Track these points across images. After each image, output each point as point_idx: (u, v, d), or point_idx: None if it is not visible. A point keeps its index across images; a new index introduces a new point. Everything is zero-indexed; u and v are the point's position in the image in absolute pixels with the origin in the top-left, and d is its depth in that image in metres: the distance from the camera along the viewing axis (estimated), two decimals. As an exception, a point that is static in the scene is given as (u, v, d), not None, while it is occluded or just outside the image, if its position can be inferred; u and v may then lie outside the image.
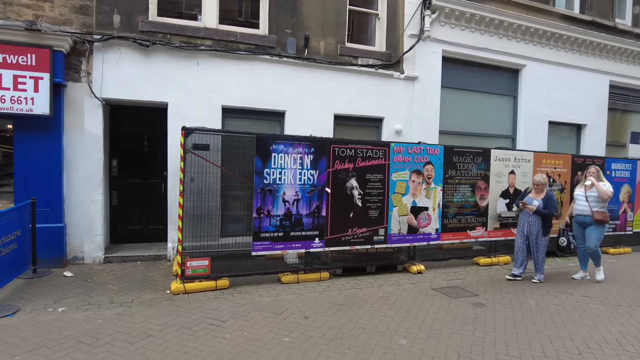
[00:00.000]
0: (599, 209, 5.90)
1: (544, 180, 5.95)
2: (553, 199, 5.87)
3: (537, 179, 5.95)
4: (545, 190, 5.95)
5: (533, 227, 5.90)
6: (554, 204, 5.87)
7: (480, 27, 8.43)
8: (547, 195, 5.90)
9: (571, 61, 9.56)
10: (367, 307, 4.71)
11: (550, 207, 5.83)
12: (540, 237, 5.90)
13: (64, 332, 3.78)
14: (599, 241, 5.92)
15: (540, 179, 5.94)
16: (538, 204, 5.83)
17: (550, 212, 5.81)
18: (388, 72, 7.71)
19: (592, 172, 6.05)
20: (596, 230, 5.92)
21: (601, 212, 5.89)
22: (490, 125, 9.09)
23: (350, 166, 5.82)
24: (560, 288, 5.72)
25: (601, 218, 5.85)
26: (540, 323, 4.41)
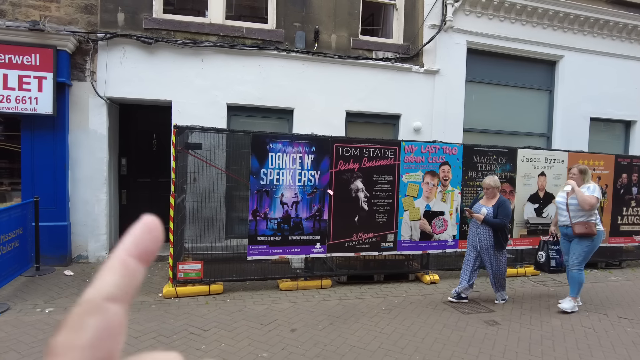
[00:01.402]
0: (581, 219, 4.71)
1: (495, 183, 4.93)
2: (506, 206, 4.84)
3: (486, 182, 4.95)
4: (498, 195, 4.94)
5: (484, 240, 4.90)
6: (506, 212, 4.82)
7: (511, 16, 7.72)
8: (499, 201, 4.89)
9: (619, 50, 8.56)
10: (363, 321, 4.31)
11: (502, 215, 4.79)
12: (493, 252, 4.89)
13: (40, 335, 3.70)
14: (583, 261, 4.73)
15: (490, 182, 4.92)
16: (486, 212, 4.84)
17: (502, 221, 4.78)
18: (406, 65, 7.21)
19: (573, 173, 4.88)
20: (579, 246, 4.74)
21: (582, 224, 4.68)
22: (522, 122, 8.32)
23: (356, 166, 5.42)
24: (594, 306, 5.03)
25: (582, 231, 4.65)
26: (561, 349, 3.83)
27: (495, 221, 4.79)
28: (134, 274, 0.33)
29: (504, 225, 4.82)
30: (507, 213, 4.87)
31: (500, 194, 4.98)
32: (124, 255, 0.33)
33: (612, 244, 6.89)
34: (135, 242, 0.34)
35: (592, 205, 4.63)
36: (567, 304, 4.78)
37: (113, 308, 0.31)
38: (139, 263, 0.33)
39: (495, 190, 4.93)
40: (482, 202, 5.01)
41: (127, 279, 0.32)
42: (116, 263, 0.33)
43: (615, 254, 7.04)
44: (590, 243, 4.73)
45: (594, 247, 4.76)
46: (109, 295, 0.31)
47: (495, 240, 4.86)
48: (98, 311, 0.30)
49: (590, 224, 4.70)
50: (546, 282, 5.97)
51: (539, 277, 6.24)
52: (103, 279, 0.32)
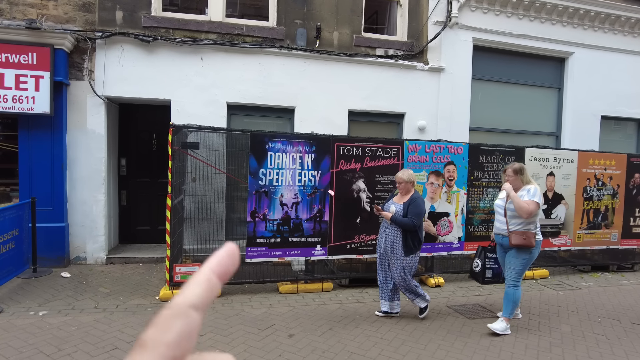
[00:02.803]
0: (519, 227, 4.03)
1: (409, 178, 4.28)
2: (417, 205, 4.21)
3: (398, 175, 4.33)
4: (412, 191, 4.32)
5: (390, 242, 4.29)
6: (417, 210, 4.18)
7: (518, 12, 7.51)
8: (410, 198, 4.24)
9: (631, 46, 8.30)
10: (364, 326, 4.17)
11: (412, 214, 4.15)
12: (400, 256, 4.23)
13: (30, 339, 3.60)
14: (520, 275, 4.10)
15: (403, 176, 4.28)
16: (395, 210, 4.25)
17: (410, 221, 4.13)
18: (410, 63, 7.04)
19: (508, 174, 4.17)
20: (516, 259, 4.07)
21: (520, 234, 3.99)
22: (530, 121, 8.10)
23: (357, 166, 5.28)
24: (605, 312, 4.82)
25: (519, 243, 3.98)
26: (571, 358, 3.65)
27: (403, 221, 4.16)
28: (213, 289, 0.40)
29: (413, 226, 4.16)
30: (417, 212, 4.19)
31: (415, 190, 4.40)
32: (209, 272, 0.40)
33: (624, 246, 6.67)
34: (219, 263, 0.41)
35: (531, 212, 3.91)
36: (499, 325, 4.08)
37: (194, 314, 0.37)
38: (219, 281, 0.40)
39: (408, 186, 4.30)
40: (396, 198, 4.41)
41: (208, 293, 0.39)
42: (202, 278, 0.40)
43: (628, 257, 6.81)
44: (528, 256, 4.07)
45: (531, 259, 4.11)
46: (193, 304, 0.37)
47: (404, 243, 4.24)
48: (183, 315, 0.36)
49: (529, 234, 3.99)
50: (555, 286, 5.77)
51: (548, 280, 6.04)
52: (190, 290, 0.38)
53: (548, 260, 6.60)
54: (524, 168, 4.18)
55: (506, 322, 4.10)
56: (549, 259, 6.63)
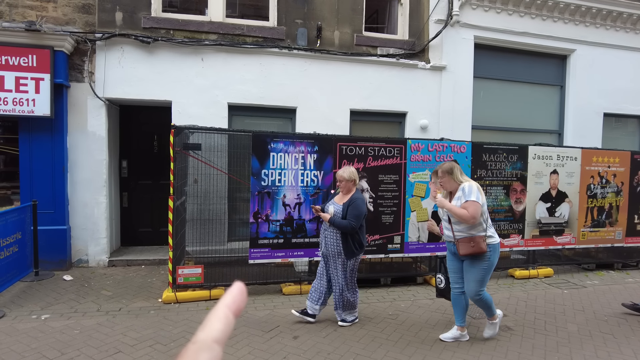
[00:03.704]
0: (464, 233, 3.56)
1: (350, 176, 3.99)
2: (357, 206, 3.90)
3: (339, 173, 4.05)
4: (353, 190, 4.04)
5: (330, 245, 4.00)
6: (356, 212, 3.87)
7: (519, 9, 7.47)
8: (350, 198, 3.95)
9: (633, 43, 8.25)
10: (369, 327, 4.13)
11: (351, 216, 3.86)
12: (339, 260, 3.97)
13: (33, 343, 3.57)
14: (482, 285, 3.65)
15: (344, 174, 3.98)
16: (334, 211, 3.99)
17: (349, 224, 3.84)
18: (411, 61, 7.01)
19: (439, 176, 3.75)
20: (473, 269, 3.60)
21: (467, 241, 3.53)
22: (533, 119, 8.06)
23: (360, 166, 5.24)
24: (612, 310, 4.79)
25: (468, 252, 3.53)
26: (579, 357, 3.61)
27: (341, 223, 3.87)
28: (230, 324, 0.45)
29: (351, 229, 3.87)
30: (357, 213, 3.88)
31: (357, 189, 4.11)
32: (226, 309, 0.46)
33: (629, 244, 6.63)
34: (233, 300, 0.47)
35: (473, 215, 3.42)
36: (491, 330, 3.86)
37: (217, 348, 0.42)
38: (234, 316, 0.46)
39: (349, 185, 4.00)
40: (337, 198, 4.13)
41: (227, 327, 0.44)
42: (221, 314, 0.45)
43: (633, 255, 6.77)
44: (486, 263, 3.58)
45: (491, 265, 3.62)
46: (216, 338, 0.43)
47: (344, 246, 3.93)
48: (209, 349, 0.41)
49: (477, 240, 3.51)
50: (560, 285, 5.74)
51: (552, 279, 6.00)
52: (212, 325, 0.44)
53: (552, 258, 6.57)
54: (455, 166, 3.73)
55: (493, 320, 3.83)
56: (553, 258, 6.60)
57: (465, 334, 3.87)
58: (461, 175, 3.71)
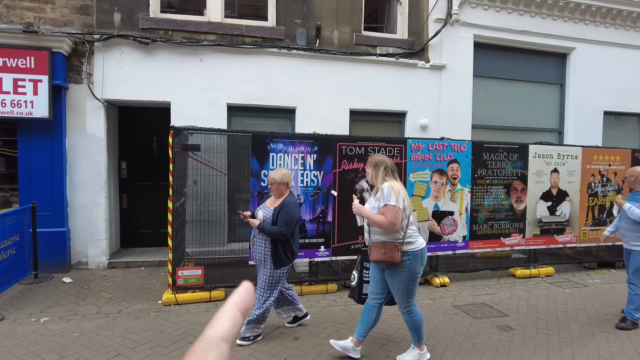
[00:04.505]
0: (379, 237, 3.20)
1: (282, 178, 3.66)
2: (288, 211, 3.58)
3: (270, 175, 3.70)
4: (286, 194, 3.71)
5: (258, 252, 3.70)
6: (287, 217, 3.55)
7: (519, 8, 7.45)
8: (282, 203, 3.63)
9: (633, 41, 8.23)
10: (370, 328, 4.10)
11: (281, 222, 3.55)
12: (268, 268, 3.64)
13: (32, 346, 3.55)
14: (408, 297, 3.26)
15: (275, 176, 3.65)
16: (263, 216, 3.66)
17: (279, 230, 3.53)
18: (411, 61, 6.99)
19: (367, 173, 3.40)
20: (394, 281, 3.22)
21: (379, 247, 3.15)
22: (533, 118, 8.04)
23: (360, 166, 5.22)
24: (614, 309, 4.77)
25: (378, 258, 3.16)
26: (581, 357, 3.59)
27: (270, 230, 3.55)
28: (238, 323, 0.47)
29: (282, 236, 3.55)
30: (288, 219, 3.56)
31: (291, 193, 3.78)
32: (233, 308, 0.48)
33: (630, 242, 6.60)
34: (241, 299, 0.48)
35: (392, 222, 3.04)
36: (409, 356, 3.39)
37: (224, 346, 0.44)
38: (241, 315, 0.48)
39: (281, 187, 3.68)
40: (268, 202, 3.80)
41: (234, 326, 0.46)
42: (228, 314, 0.47)
43: (634, 253, 6.74)
44: (406, 272, 3.16)
45: (412, 274, 3.18)
46: (223, 337, 0.45)
47: (273, 254, 3.62)
48: (216, 347, 0.43)
49: (389, 247, 3.11)
50: (562, 284, 5.72)
51: (554, 278, 5.98)
52: (219, 324, 0.46)
53: (553, 257, 6.56)
54: (384, 162, 3.28)
55: (419, 349, 3.39)
56: (555, 257, 6.58)
57: (358, 350, 3.45)
58: (385, 175, 3.25)
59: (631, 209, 4.22)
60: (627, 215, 4.27)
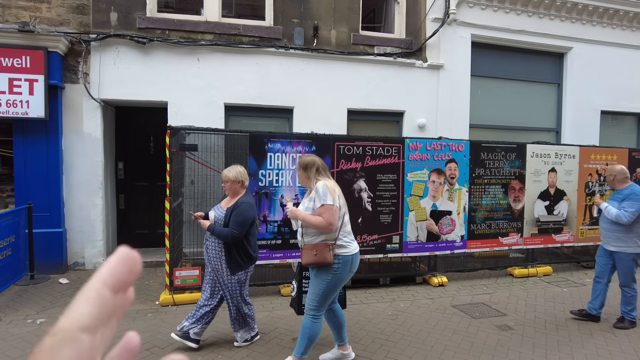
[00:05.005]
0: (311, 238, 3.01)
1: (236, 176, 3.43)
2: (241, 212, 3.32)
3: (224, 173, 3.49)
4: (241, 193, 3.46)
5: (212, 257, 3.45)
6: (239, 219, 3.30)
7: (516, 7, 7.46)
8: (235, 203, 3.39)
9: (630, 40, 8.27)
10: (369, 328, 4.10)
11: (233, 223, 3.30)
12: (225, 275, 3.41)
13: (28, 348, 3.52)
14: (320, 302, 3.03)
15: (229, 174, 3.44)
16: (215, 216, 3.43)
17: (230, 232, 3.28)
18: (409, 60, 6.98)
19: (298, 175, 3.24)
20: (315, 279, 3.04)
21: (309, 248, 2.97)
22: (530, 117, 8.05)
23: (358, 166, 5.21)
24: (612, 308, 4.75)
25: (309, 260, 2.96)
26: (580, 356, 3.59)
27: (221, 232, 3.31)
28: (108, 304, 0.34)
29: (232, 239, 3.29)
30: (240, 220, 3.30)
31: (248, 192, 3.54)
32: (99, 285, 0.34)
33: (628, 241, 6.61)
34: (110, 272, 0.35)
35: (329, 222, 2.88)
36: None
37: (85, 338, 0.31)
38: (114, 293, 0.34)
39: (235, 186, 3.43)
40: (224, 202, 3.57)
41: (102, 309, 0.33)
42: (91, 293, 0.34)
43: (631, 252, 6.75)
44: (331, 275, 2.97)
45: (337, 280, 2.99)
46: (84, 326, 0.32)
47: (227, 258, 3.38)
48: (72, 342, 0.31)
49: (321, 247, 2.93)
50: (560, 283, 5.72)
51: (551, 277, 5.99)
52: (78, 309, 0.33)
53: (551, 257, 6.57)
54: (314, 163, 3.10)
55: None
56: (552, 256, 6.59)
57: (349, 353, 3.36)
58: (318, 174, 3.08)
59: (607, 208, 4.14)
60: (606, 215, 4.21)
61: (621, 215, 4.01)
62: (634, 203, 4.02)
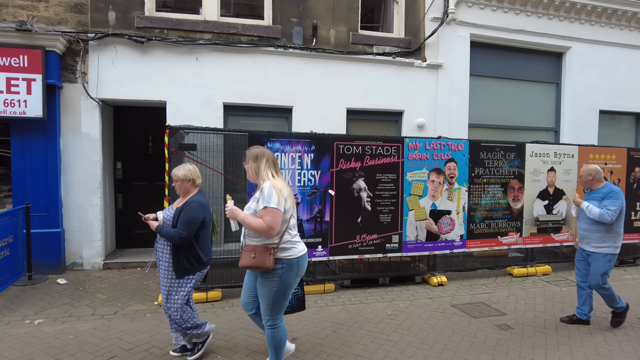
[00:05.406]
0: (251, 240, 2.82)
1: (186, 175, 3.24)
2: (189, 211, 3.13)
3: (174, 171, 3.31)
4: (192, 192, 3.30)
5: (161, 259, 3.24)
6: (187, 219, 3.11)
7: (515, 7, 7.46)
8: (185, 203, 3.22)
9: (629, 40, 8.28)
10: (368, 328, 4.09)
11: (181, 223, 3.10)
12: (170, 278, 3.19)
13: (26, 349, 3.50)
14: (273, 310, 2.85)
15: (178, 172, 3.26)
16: (164, 217, 3.28)
17: (177, 233, 3.07)
18: (408, 60, 6.98)
19: (247, 169, 2.97)
20: (262, 288, 2.84)
21: (249, 250, 2.78)
22: (529, 117, 8.06)
23: (357, 165, 5.20)
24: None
25: (247, 263, 2.76)
26: (579, 355, 3.59)
27: (168, 233, 3.10)
28: None
29: (180, 240, 3.08)
30: (187, 220, 3.10)
31: (200, 191, 3.36)
32: None
33: (626, 240, 6.60)
34: None
35: (270, 226, 2.66)
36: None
37: None
38: None
39: (186, 185, 3.26)
40: (176, 202, 3.38)
41: None
42: None
43: (630, 251, 6.78)
44: (276, 282, 2.78)
45: (284, 286, 2.80)
46: None
47: (174, 261, 3.16)
48: None
49: (261, 250, 2.72)
50: (559, 282, 5.73)
51: (551, 276, 5.99)
52: None
53: (550, 256, 6.57)
54: (264, 155, 2.87)
55: None
56: (551, 255, 6.60)
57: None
58: (268, 169, 2.84)
59: (589, 207, 4.01)
60: (586, 215, 4.06)
61: (604, 214, 3.91)
62: (615, 201, 3.95)
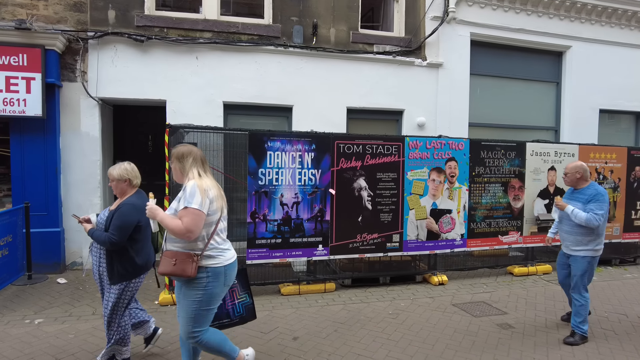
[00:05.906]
0: (173, 244, 2.56)
1: (122, 175, 3.01)
2: (121, 214, 2.90)
3: (109, 171, 3.08)
4: (129, 193, 3.07)
5: (95, 262, 3.07)
6: (118, 222, 2.86)
7: (515, 6, 7.45)
8: (120, 204, 2.99)
9: (629, 39, 8.28)
10: (370, 327, 4.08)
11: (112, 227, 2.87)
12: (105, 283, 3.00)
13: (26, 349, 3.48)
14: (194, 322, 2.57)
15: (113, 172, 3.03)
16: (98, 219, 3.06)
17: (108, 238, 2.84)
18: (408, 59, 6.97)
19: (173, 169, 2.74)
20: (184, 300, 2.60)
21: (169, 256, 2.53)
22: (529, 116, 8.05)
23: (358, 164, 5.19)
24: (612, 306, 4.77)
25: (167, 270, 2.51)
26: (581, 354, 3.58)
27: (99, 237, 2.90)
28: None
29: (110, 244, 2.84)
30: (119, 224, 2.86)
31: (139, 191, 3.15)
32: None
33: (626, 239, 6.63)
34: None
35: (188, 229, 2.41)
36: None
37: None
38: None
39: (122, 185, 3.03)
40: (114, 204, 3.11)
41: None
42: None
43: (630, 250, 6.79)
44: (200, 293, 2.54)
45: (208, 297, 2.56)
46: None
47: (108, 267, 2.94)
48: None
49: (183, 257, 2.49)
50: (559, 281, 5.72)
51: (551, 275, 5.99)
52: None
53: (551, 255, 6.55)
54: (191, 154, 2.64)
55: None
56: (552, 254, 6.57)
57: None
58: (194, 168, 2.61)
59: (574, 211, 3.76)
60: (568, 218, 3.85)
61: (592, 219, 3.67)
62: (601, 205, 3.75)
